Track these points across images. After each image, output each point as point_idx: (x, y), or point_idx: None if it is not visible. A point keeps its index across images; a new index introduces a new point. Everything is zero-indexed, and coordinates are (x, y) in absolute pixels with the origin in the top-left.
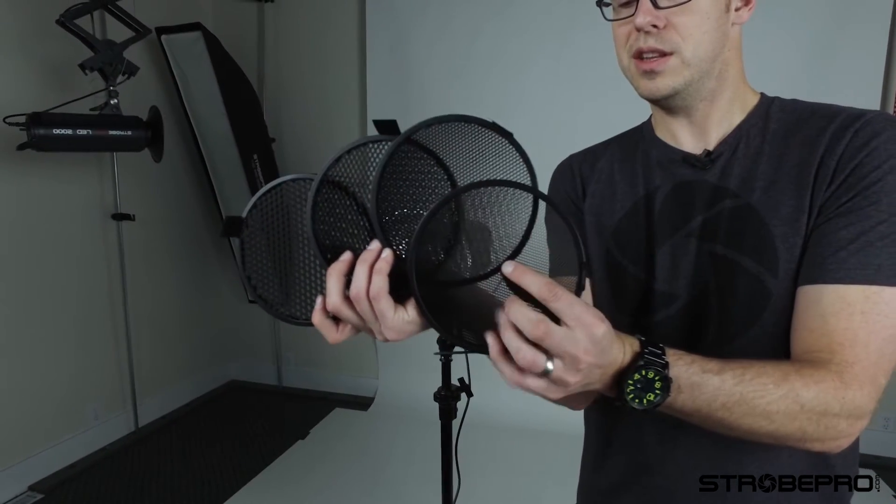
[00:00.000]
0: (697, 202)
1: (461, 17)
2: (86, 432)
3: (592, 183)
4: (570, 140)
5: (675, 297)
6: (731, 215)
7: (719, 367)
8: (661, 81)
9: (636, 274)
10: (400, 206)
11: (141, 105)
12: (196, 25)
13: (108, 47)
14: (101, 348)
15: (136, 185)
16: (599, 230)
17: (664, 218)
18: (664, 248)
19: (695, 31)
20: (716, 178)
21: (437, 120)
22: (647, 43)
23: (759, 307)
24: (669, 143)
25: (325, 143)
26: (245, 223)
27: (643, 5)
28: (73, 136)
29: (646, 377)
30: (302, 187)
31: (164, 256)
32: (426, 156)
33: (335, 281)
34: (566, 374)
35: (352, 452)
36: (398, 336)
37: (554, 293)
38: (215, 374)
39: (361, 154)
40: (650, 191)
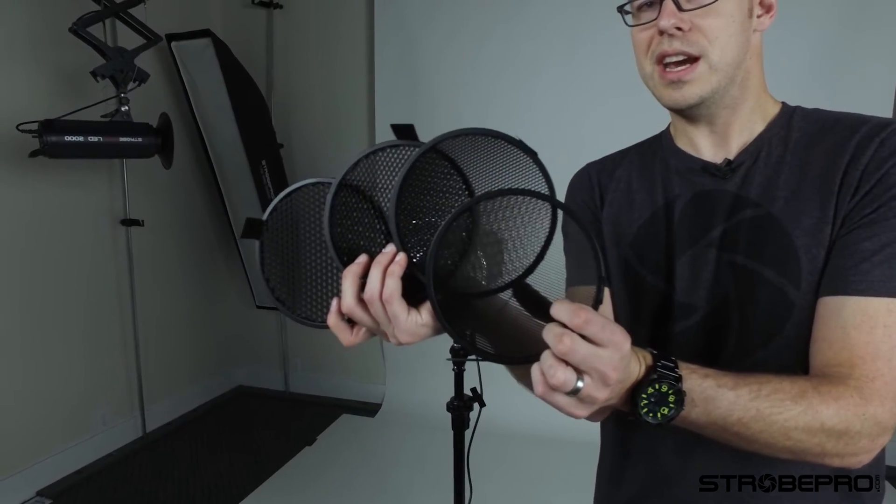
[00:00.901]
0: (718, 212)
1: (470, 24)
2: (94, 438)
3: (610, 191)
4: (579, 147)
5: (695, 307)
6: (752, 225)
7: (734, 381)
8: (689, 90)
9: (655, 284)
10: (417, 212)
11: (150, 111)
12: (205, 32)
13: (119, 55)
14: (110, 354)
15: (145, 191)
16: (617, 239)
17: (684, 227)
18: (684, 259)
19: (721, 34)
20: (736, 187)
21: (463, 132)
22: (672, 46)
23: (780, 319)
24: (689, 153)
25: (333, 149)
26: (264, 226)
27: (667, 7)
28: (85, 142)
29: (659, 391)
30: (321, 191)
31: (172, 262)
32: (447, 165)
33: (350, 283)
34: (595, 391)
35: (359, 459)
36: (411, 339)
37: (585, 319)
38: (222, 380)
39: (379, 159)
40: (669, 200)
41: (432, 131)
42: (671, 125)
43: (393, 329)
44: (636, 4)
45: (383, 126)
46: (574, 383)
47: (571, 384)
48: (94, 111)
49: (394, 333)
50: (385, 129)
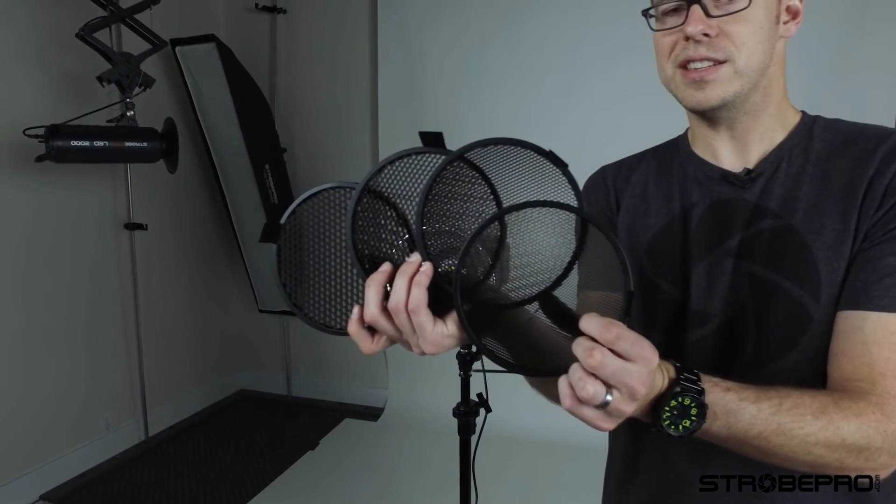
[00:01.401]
0: (736, 221)
1: (473, 29)
2: (96, 442)
3: (626, 197)
4: (582, 152)
5: (710, 316)
6: (771, 236)
7: (756, 395)
8: (712, 91)
9: (670, 291)
10: (442, 221)
11: (154, 116)
12: (210, 37)
13: (125, 60)
14: (113, 357)
15: (148, 195)
16: (632, 245)
17: (700, 236)
18: (700, 267)
19: (748, 41)
20: (755, 196)
21: (493, 141)
22: (698, 52)
23: (798, 331)
24: (707, 160)
25: (336, 153)
26: (283, 229)
27: (694, 13)
28: (90, 147)
29: (682, 404)
30: (342, 196)
31: (175, 266)
32: (474, 174)
33: (374, 292)
34: (623, 405)
35: (362, 463)
36: (436, 350)
37: (617, 335)
38: (225, 384)
39: (405, 165)
40: (686, 208)
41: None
42: (689, 130)
43: (417, 339)
44: (662, 9)
45: (386, 131)
46: (603, 397)
47: (601, 398)
48: (99, 116)
49: (417, 343)
50: (388, 133)
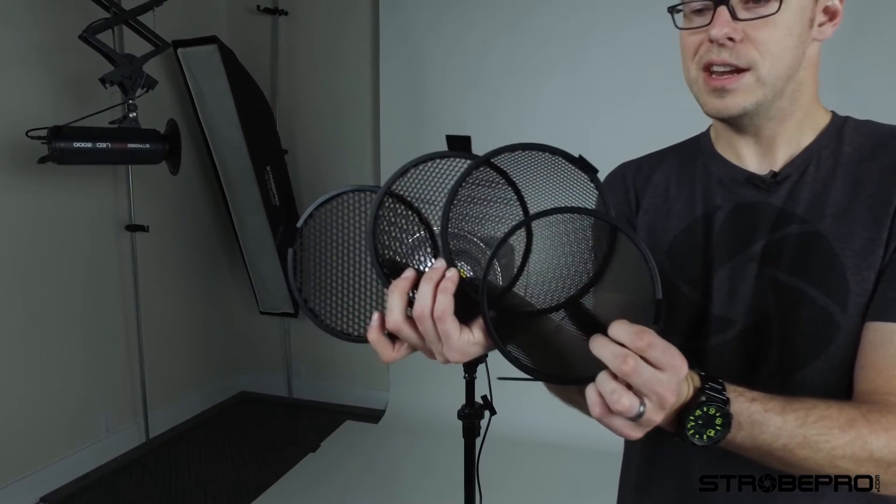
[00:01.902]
0: (760, 225)
1: (475, 31)
2: (97, 443)
3: (647, 197)
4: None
5: (732, 322)
6: (797, 241)
7: (782, 406)
8: (732, 100)
9: (690, 296)
10: (467, 227)
11: (156, 117)
12: (212, 39)
13: (128, 61)
14: (113, 359)
15: (150, 196)
16: (652, 247)
17: (723, 240)
18: (722, 271)
19: (774, 47)
20: (781, 201)
21: (521, 146)
22: (721, 56)
23: (825, 340)
24: (731, 161)
25: (337, 155)
26: (299, 233)
27: (721, 16)
28: (93, 149)
29: (707, 413)
30: (360, 199)
31: (176, 267)
32: (500, 179)
33: (398, 298)
34: (653, 414)
35: (364, 465)
36: (461, 358)
37: (649, 342)
38: (225, 386)
39: (428, 169)
40: (709, 210)
41: (438, 138)
42: (712, 128)
43: (443, 347)
44: (690, 7)
45: (388, 132)
46: (637, 408)
47: (635, 410)
48: (101, 118)
49: (441, 351)
50: (389, 135)
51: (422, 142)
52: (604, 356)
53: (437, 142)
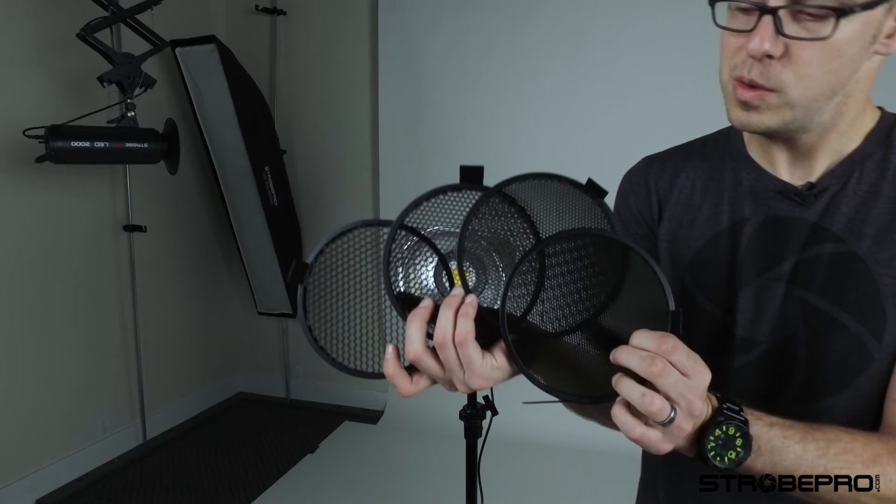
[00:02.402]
0: (791, 242)
1: (474, 32)
2: (94, 445)
3: (671, 203)
4: (583, 153)
5: (756, 342)
6: (830, 262)
7: (802, 434)
8: (755, 118)
9: (713, 312)
10: (481, 255)
11: (153, 117)
12: (210, 38)
13: (126, 60)
14: (111, 360)
15: (147, 196)
16: (674, 259)
17: (750, 256)
18: (747, 290)
19: (814, 71)
20: (816, 216)
21: (530, 176)
22: (751, 73)
23: (855, 370)
24: (764, 167)
25: (336, 156)
26: (309, 270)
27: (763, 28)
28: (91, 148)
29: (727, 433)
30: (372, 234)
31: (174, 268)
32: (510, 207)
33: (417, 328)
34: (684, 420)
35: (362, 467)
36: (485, 384)
37: (673, 345)
38: (223, 387)
39: (440, 202)
40: (736, 222)
41: (436, 139)
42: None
43: (465, 374)
44: (736, 5)
45: (387, 133)
46: (669, 410)
47: (667, 411)
48: (99, 117)
49: (463, 380)
50: (388, 136)
51: (420, 142)
52: (631, 362)
53: (434, 143)
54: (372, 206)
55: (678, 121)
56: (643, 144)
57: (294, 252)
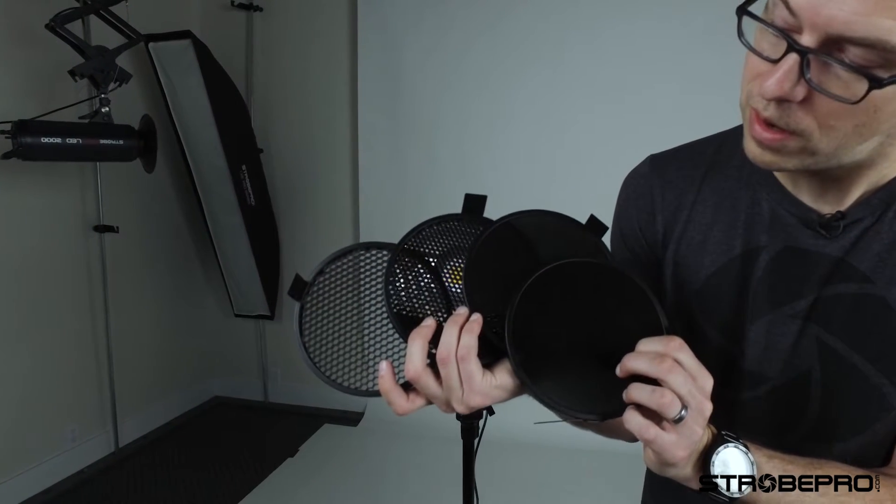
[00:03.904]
0: (811, 277)
1: (455, 29)
2: (62, 455)
3: (680, 223)
4: (563, 152)
5: (766, 378)
6: (854, 304)
7: (801, 469)
8: (771, 158)
9: (720, 344)
10: (487, 280)
11: (125, 113)
12: (185, 33)
13: (99, 53)
14: (80, 365)
15: (119, 195)
16: (680, 284)
17: (764, 287)
18: (759, 324)
19: (841, 125)
20: (842, 251)
21: (534, 213)
22: (767, 112)
23: (872, 419)
24: (787, 189)
25: (313, 155)
26: (308, 289)
27: (786, 67)
28: (62, 145)
29: (729, 456)
30: (374, 255)
31: (147, 269)
32: (515, 236)
33: (419, 346)
34: (695, 422)
35: (344, 470)
36: (483, 401)
37: (679, 344)
38: (198, 391)
39: (443, 228)
40: (750, 249)
41: (417, 139)
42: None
43: (463, 392)
44: (761, 28)
45: (366, 132)
46: (679, 408)
47: (678, 406)
48: (68, 113)
49: (461, 398)
50: (367, 134)
51: (400, 142)
52: (640, 365)
53: (415, 143)
54: (351, 207)
55: (659, 120)
56: (624, 144)
57: (271, 253)
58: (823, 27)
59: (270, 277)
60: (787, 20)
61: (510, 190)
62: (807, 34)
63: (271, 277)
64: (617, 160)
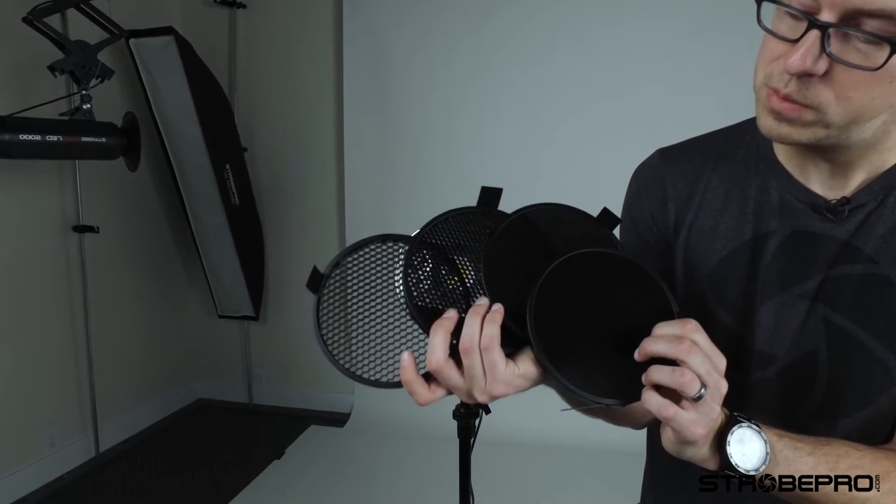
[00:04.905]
0: (818, 259)
1: (441, 27)
2: (40, 461)
3: (692, 210)
4: (550, 151)
5: (775, 358)
6: (860, 284)
7: (811, 447)
8: (787, 131)
9: (730, 326)
10: (504, 272)
11: (104, 111)
12: (168, 29)
13: (81, 49)
14: (60, 369)
15: (99, 195)
16: (692, 268)
17: (774, 270)
18: (768, 305)
19: (858, 96)
20: (848, 234)
21: (549, 206)
22: (788, 88)
23: (877, 392)
24: (794, 176)
25: (299, 154)
26: (324, 282)
27: (808, 43)
28: (42, 142)
29: (744, 435)
30: (390, 247)
31: (128, 270)
32: (530, 229)
33: (441, 338)
34: (713, 400)
35: (331, 471)
36: (507, 390)
37: (695, 326)
38: (182, 393)
39: (461, 220)
40: (760, 234)
41: (403, 137)
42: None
43: (487, 382)
44: (785, 9)
45: (352, 130)
46: (699, 386)
47: (697, 385)
48: (46, 109)
49: (484, 388)
50: (353, 133)
51: (386, 140)
52: (658, 348)
53: (401, 141)
54: (336, 206)
55: (647, 119)
56: (612, 142)
57: (256, 253)
58: (842, 3)
59: (255, 278)
60: (804, 2)
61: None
62: (826, 11)
63: (256, 278)
64: (605, 158)
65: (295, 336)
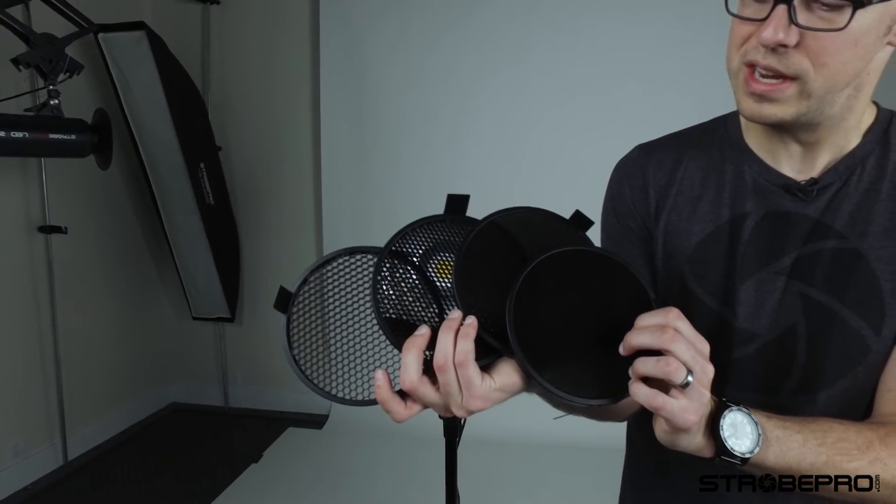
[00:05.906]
0: (792, 237)
1: (418, 25)
2: (5, 471)
3: (670, 197)
4: (528, 150)
5: (756, 335)
6: (832, 258)
7: (798, 425)
8: (769, 109)
9: (712, 306)
10: (477, 281)
11: (72, 108)
12: (139, 24)
13: (47, 42)
14: (25, 375)
15: (67, 194)
16: (672, 251)
17: (751, 249)
18: (747, 283)
19: (832, 61)
20: (818, 212)
21: (519, 209)
22: (766, 60)
23: (853, 362)
24: (765, 161)
25: (274, 153)
26: (293, 300)
27: (777, 17)
28: (6, 138)
29: (736, 419)
30: (358, 260)
31: (98, 272)
32: (500, 234)
33: (414, 357)
34: (701, 384)
35: (310, 473)
36: (484, 405)
37: (677, 314)
38: (155, 398)
39: (430, 229)
40: (736, 216)
41: (380, 135)
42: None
43: (463, 398)
44: None
45: (328, 129)
46: (685, 373)
47: (683, 372)
48: (8, 105)
49: (461, 403)
50: (329, 132)
51: (363, 138)
52: (643, 340)
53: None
54: (313, 206)
55: (624, 118)
56: (590, 141)
57: (231, 253)
58: None
59: (230, 279)
60: None
61: (476, 187)
62: None
63: (231, 279)
64: (583, 157)
65: (271, 337)
